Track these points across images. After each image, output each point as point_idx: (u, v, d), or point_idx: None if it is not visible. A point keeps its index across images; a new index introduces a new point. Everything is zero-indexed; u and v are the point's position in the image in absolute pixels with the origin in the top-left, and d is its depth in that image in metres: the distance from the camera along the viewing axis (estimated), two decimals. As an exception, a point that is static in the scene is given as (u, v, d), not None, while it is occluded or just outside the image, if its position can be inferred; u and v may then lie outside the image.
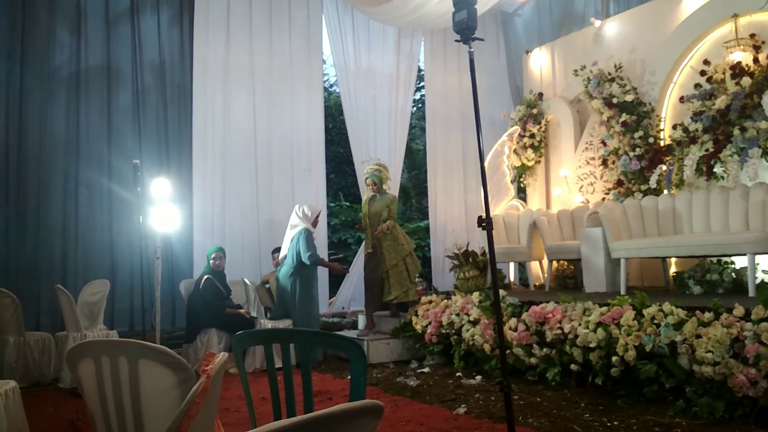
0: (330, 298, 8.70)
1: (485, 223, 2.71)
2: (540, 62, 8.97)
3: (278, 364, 2.27)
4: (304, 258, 6.64)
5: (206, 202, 7.79)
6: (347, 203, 12.48)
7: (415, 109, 10.68)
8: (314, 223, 6.90)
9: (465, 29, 2.85)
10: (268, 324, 6.59)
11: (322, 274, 7.66)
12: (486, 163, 7.89)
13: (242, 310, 6.66)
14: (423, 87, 10.91)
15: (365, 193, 7.14)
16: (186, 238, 7.53)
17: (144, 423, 1.92)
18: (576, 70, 7.91)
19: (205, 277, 6.56)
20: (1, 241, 6.89)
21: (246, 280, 6.97)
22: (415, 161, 13.08)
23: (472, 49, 2.84)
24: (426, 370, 6.12)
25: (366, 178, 7.03)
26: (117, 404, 1.96)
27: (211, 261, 6.69)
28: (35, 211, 7.09)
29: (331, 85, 12.96)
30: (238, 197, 7.98)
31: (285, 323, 6.62)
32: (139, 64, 7.73)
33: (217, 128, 7.92)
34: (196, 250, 7.52)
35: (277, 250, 7.17)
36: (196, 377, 1.87)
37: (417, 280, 8.51)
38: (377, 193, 6.92)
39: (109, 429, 2.00)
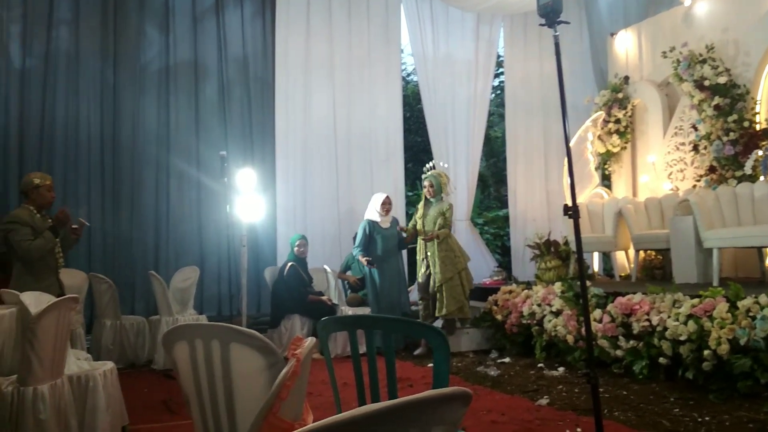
0: (409, 286, 8.73)
1: (571, 211, 2.64)
2: (626, 45, 8.64)
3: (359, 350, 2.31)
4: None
5: (288, 192, 7.98)
6: (425, 192, 12.46)
7: (493, 96, 10.53)
8: (387, 210, 6.83)
9: (550, 12, 2.79)
10: (349, 311, 6.69)
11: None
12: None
13: (324, 297, 6.78)
14: (501, 74, 10.74)
15: (422, 198, 6.77)
16: (270, 227, 7.75)
17: (235, 404, 1.99)
18: (664, 52, 7.57)
19: (290, 264, 6.72)
20: (99, 230, 7.29)
21: (327, 268, 7.09)
22: (493, 149, 12.90)
23: (557, 33, 2.78)
24: (506, 360, 6.07)
25: (424, 179, 6.72)
26: (210, 385, 2.03)
27: (295, 248, 6.85)
28: (129, 202, 7.47)
29: (408, 75, 12.94)
30: (319, 187, 8.13)
31: (364, 311, 6.70)
32: (224, 58, 7.99)
33: (298, 120, 8.10)
34: (280, 238, 7.73)
35: None
36: (284, 362, 1.92)
37: (496, 269, 8.44)
38: (432, 197, 6.61)
39: (202, 409, 2.08)
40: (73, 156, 7.26)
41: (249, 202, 6.25)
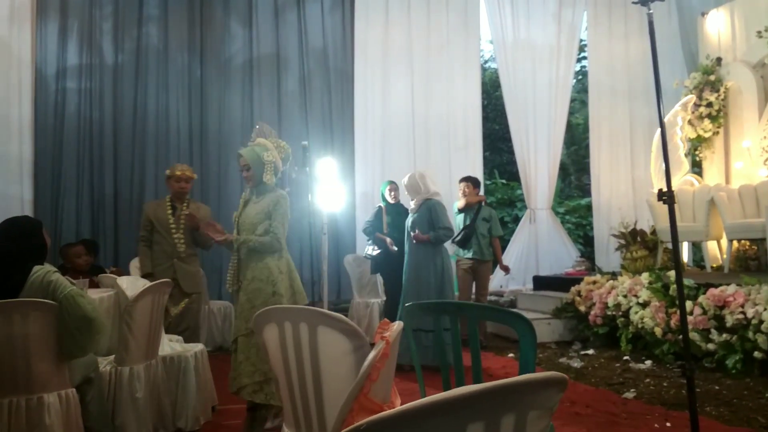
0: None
1: (666, 196, 2.54)
2: (717, 25, 8.22)
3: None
4: None
5: (367, 180, 8.06)
6: (503, 181, 12.29)
7: (574, 81, 10.25)
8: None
9: (644, -10, 2.69)
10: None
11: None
12: (657, 136, 7.39)
13: (388, 240, 6.45)
14: (583, 58, 10.43)
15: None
16: (350, 215, 7.85)
17: (322, 385, 2.03)
18: (759, 32, 7.16)
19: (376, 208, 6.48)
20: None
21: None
22: (574, 136, 12.57)
23: (651, 11, 2.67)
24: (590, 352, 5.92)
25: (239, 155, 4.08)
26: (298, 366, 2.09)
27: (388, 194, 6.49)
28: (216, 189, 7.73)
29: (486, 62, 12.76)
30: (398, 175, 8.10)
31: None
32: (305, 50, 8.12)
33: (376, 109, 8.16)
34: (359, 227, 7.80)
35: None
36: (369, 345, 1.94)
37: (578, 259, 8.18)
38: (253, 185, 4.02)
39: (291, 389, 2.14)
40: (164, 147, 7.57)
41: (330, 190, 6.34)
